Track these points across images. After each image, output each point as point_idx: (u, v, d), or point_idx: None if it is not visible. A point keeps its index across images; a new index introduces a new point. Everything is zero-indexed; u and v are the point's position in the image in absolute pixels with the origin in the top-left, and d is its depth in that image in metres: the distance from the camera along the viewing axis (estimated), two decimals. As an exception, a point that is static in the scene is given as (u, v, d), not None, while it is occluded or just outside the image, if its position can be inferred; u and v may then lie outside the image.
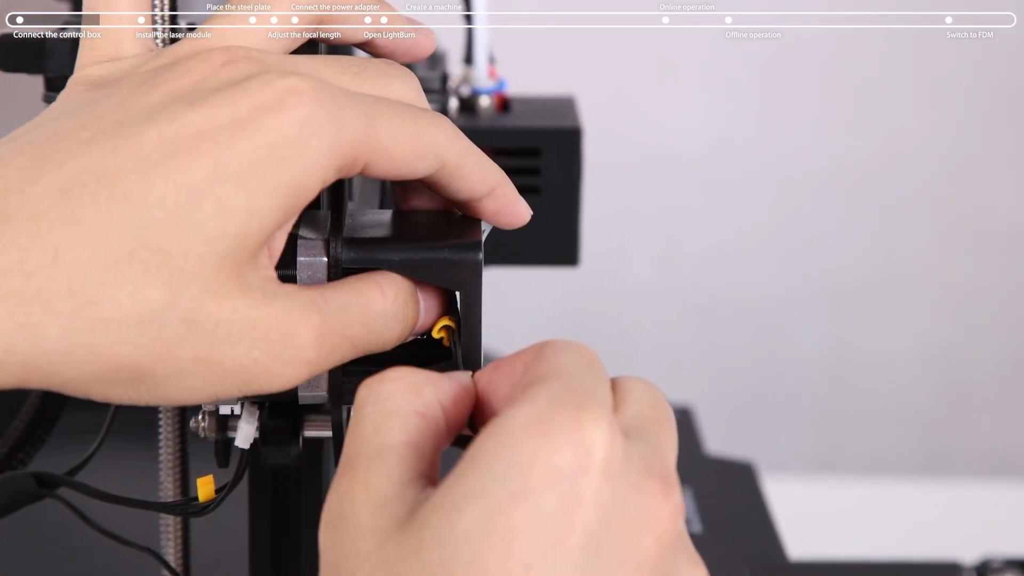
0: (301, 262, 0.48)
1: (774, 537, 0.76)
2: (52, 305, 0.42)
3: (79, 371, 0.43)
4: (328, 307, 0.46)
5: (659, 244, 1.34)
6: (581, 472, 0.39)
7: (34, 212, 0.42)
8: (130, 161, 0.43)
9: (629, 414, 0.43)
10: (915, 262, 1.35)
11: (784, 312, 1.36)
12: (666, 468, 0.41)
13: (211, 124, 0.44)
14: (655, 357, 1.36)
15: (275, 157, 0.44)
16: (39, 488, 0.52)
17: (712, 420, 1.22)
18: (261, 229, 0.44)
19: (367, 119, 0.45)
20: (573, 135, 0.68)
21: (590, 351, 0.43)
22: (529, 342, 0.45)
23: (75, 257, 0.42)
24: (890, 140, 1.33)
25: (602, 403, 0.41)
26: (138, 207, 0.43)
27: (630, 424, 0.42)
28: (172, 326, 0.43)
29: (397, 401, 0.43)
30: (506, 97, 0.71)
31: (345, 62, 0.48)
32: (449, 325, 0.49)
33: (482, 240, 0.49)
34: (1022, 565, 0.78)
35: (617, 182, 1.32)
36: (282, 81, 0.44)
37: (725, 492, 0.80)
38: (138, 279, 0.42)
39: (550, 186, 0.68)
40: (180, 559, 0.57)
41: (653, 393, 0.44)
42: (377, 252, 0.49)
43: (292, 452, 0.52)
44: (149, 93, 0.45)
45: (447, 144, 0.47)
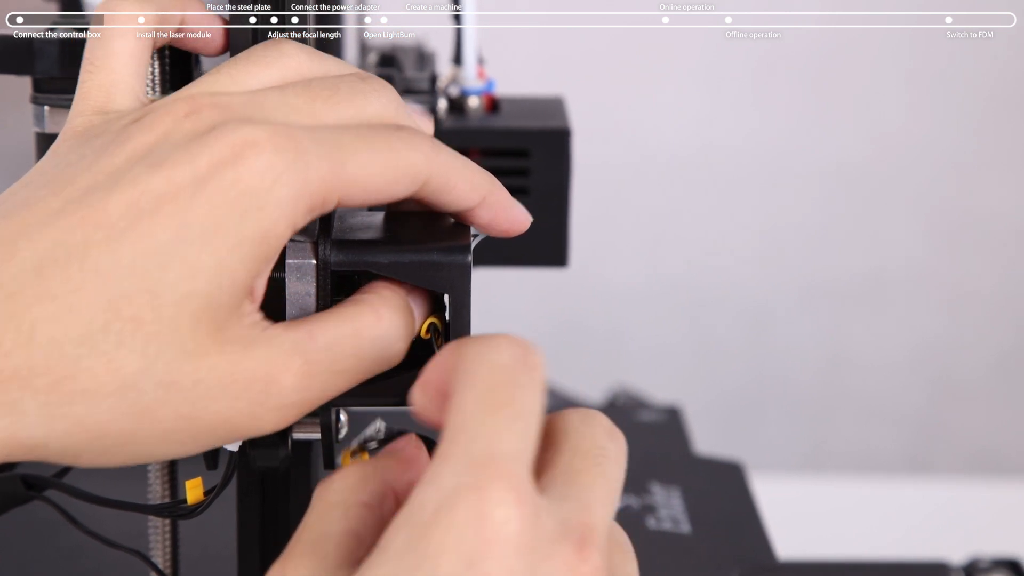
0: (290, 264, 0.48)
1: (763, 537, 0.76)
2: (29, 382, 0.43)
3: (62, 443, 0.44)
4: (314, 346, 0.46)
5: (649, 244, 1.34)
6: (488, 556, 0.39)
7: (9, 291, 0.43)
8: (97, 231, 0.44)
9: (556, 468, 0.43)
10: (906, 262, 1.35)
11: (774, 312, 1.36)
12: (586, 527, 0.41)
13: (172, 185, 0.44)
14: (644, 357, 1.36)
15: (237, 212, 0.44)
16: (27, 490, 0.52)
17: (701, 420, 1.22)
18: (232, 285, 0.44)
19: (333, 155, 0.45)
20: (562, 136, 0.68)
21: (506, 364, 0.42)
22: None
23: (50, 334, 0.43)
24: (881, 140, 1.33)
25: (509, 469, 0.40)
26: (108, 279, 0.43)
27: (554, 480, 0.42)
28: (150, 390, 0.43)
29: (344, 494, 0.44)
30: (495, 98, 0.71)
31: (316, 87, 0.48)
32: (435, 324, 0.49)
33: (471, 243, 0.49)
34: (1010, 565, 0.79)
35: (607, 182, 1.32)
36: (239, 132, 0.44)
37: (714, 492, 0.80)
38: (113, 349, 0.43)
39: (539, 187, 0.68)
40: (168, 561, 0.57)
41: (592, 434, 0.44)
42: (366, 254, 0.49)
43: (280, 454, 0.52)
44: (115, 154, 0.45)
45: (424, 163, 0.47)
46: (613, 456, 0.44)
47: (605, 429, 0.45)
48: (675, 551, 0.74)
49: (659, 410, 0.90)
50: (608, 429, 0.45)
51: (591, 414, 0.45)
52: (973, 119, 1.32)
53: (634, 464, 0.82)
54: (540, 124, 0.68)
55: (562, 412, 0.45)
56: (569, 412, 0.45)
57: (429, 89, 0.68)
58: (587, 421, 0.45)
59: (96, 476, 0.56)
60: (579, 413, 0.45)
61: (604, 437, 0.44)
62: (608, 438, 0.44)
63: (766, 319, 1.36)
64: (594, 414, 0.45)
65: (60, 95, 0.54)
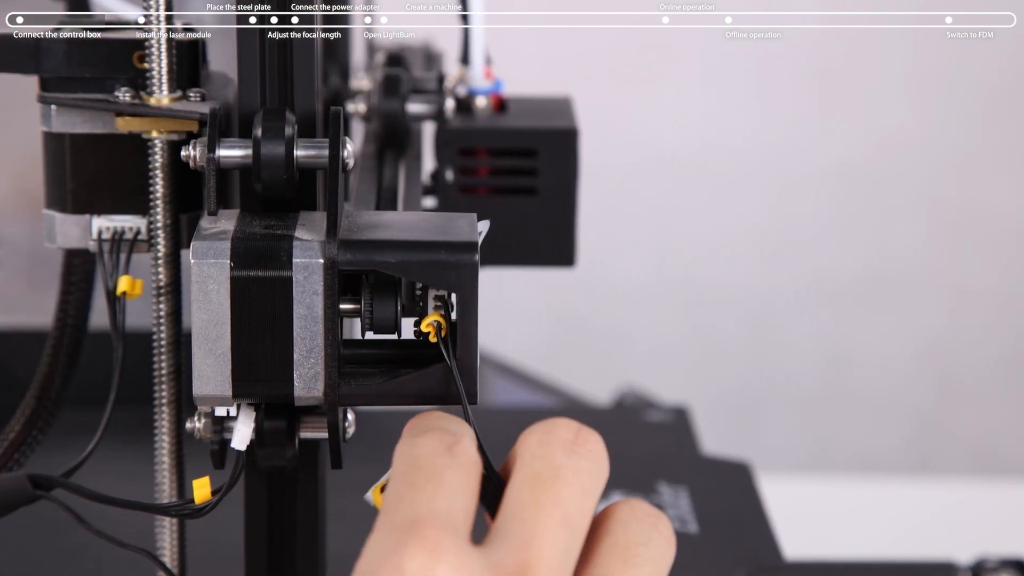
0: (297, 264, 0.48)
1: (770, 537, 0.76)
2: None
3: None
4: None
5: (654, 243, 1.34)
6: None
7: None
8: None
9: (502, 516, 0.43)
10: (909, 261, 1.35)
11: (778, 311, 1.36)
12: (521, 564, 0.42)
13: None
14: (650, 357, 1.36)
15: None
16: (34, 490, 0.52)
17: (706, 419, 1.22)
18: None
19: None
20: (569, 136, 0.68)
21: (429, 452, 0.43)
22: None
23: None
24: (884, 139, 1.33)
25: (427, 530, 0.41)
26: None
27: (500, 523, 0.43)
28: None
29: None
30: (502, 97, 0.70)
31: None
32: (439, 321, 0.49)
33: (478, 242, 0.49)
34: (1017, 565, 0.78)
35: (610, 182, 1.32)
36: None
37: (721, 492, 0.80)
38: None
39: (546, 187, 0.68)
40: (176, 561, 0.57)
41: (538, 467, 0.44)
42: (374, 254, 0.49)
43: (288, 454, 0.52)
44: None
45: None
46: (569, 474, 0.44)
47: (558, 449, 0.44)
48: (682, 551, 0.74)
49: (667, 410, 0.90)
50: (562, 447, 0.44)
51: (548, 438, 0.45)
52: (974, 119, 1.32)
53: (642, 464, 0.82)
54: (548, 124, 0.68)
55: (515, 448, 0.45)
56: (522, 447, 0.45)
57: (436, 89, 0.68)
58: (544, 447, 0.45)
59: (104, 476, 0.56)
60: (532, 443, 0.45)
61: (564, 453, 0.44)
62: (567, 456, 0.44)
63: (770, 318, 1.36)
64: (550, 440, 0.45)
65: (67, 94, 0.54)
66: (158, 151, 0.54)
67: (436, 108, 0.67)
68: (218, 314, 0.49)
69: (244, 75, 0.52)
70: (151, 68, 0.53)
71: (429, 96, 0.67)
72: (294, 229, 0.50)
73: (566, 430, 0.45)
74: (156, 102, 0.53)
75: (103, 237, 0.55)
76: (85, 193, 0.55)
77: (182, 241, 0.55)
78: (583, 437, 0.45)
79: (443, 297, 0.49)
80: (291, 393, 0.49)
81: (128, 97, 0.54)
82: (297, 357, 0.49)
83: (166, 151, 0.54)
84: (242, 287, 0.49)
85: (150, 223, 0.54)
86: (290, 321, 0.49)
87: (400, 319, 0.50)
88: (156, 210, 0.54)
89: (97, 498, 0.52)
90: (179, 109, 0.53)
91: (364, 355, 0.51)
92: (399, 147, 0.67)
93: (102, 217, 0.55)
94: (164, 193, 0.54)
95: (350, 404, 0.50)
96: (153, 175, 0.54)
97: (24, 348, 0.77)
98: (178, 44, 0.54)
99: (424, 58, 0.80)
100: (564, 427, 0.45)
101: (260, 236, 0.49)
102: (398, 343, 0.51)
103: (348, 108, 0.70)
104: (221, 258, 0.49)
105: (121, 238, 0.55)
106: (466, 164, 0.67)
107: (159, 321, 0.55)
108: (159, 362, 0.55)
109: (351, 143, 0.51)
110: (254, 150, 0.50)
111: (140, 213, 0.55)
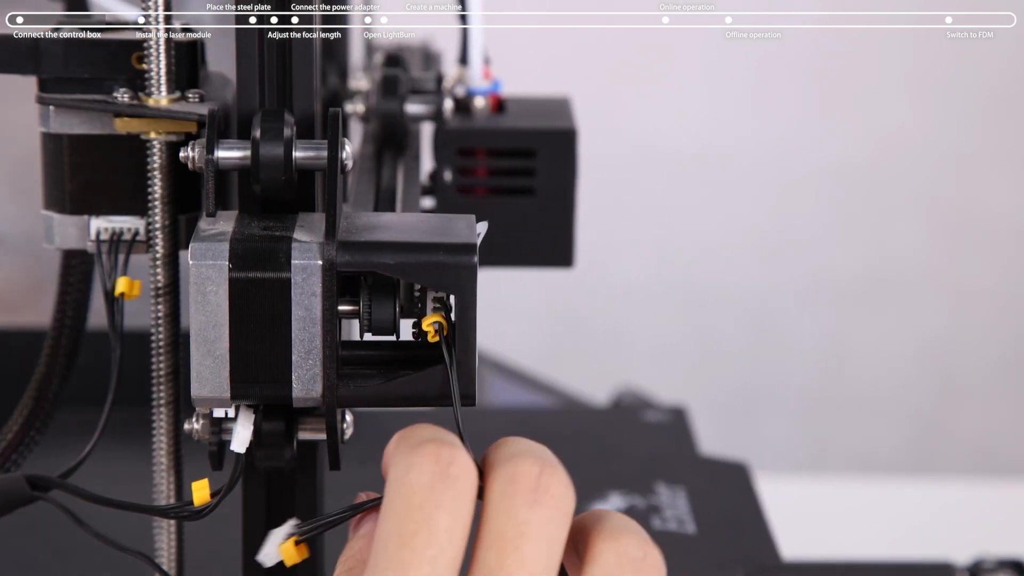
0: (295, 265, 0.48)
1: (768, 537, 0.76)
2: None
3: None
4: None
5: (653, 243, 1.34)
6: None
7: None
8: None
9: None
10: (908, 261, 1.35)
11: (777, 311, 1.36)
12: None
13: None
14: (649, 357, 1.36)
15: None
16: (32, 491, 0.52)
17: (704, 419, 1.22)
18: None
19: None
20: (568, 136, 0.68)
21: (423, 485, 0.43)
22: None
23: None
24: (884, 139, 1.33)
25: None
26: None
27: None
28: None
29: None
30: (501, 98, 0.70)
31: None
32: (439, 322, 0.49)
33: (477, 243, 0.49)
34: (1015, 565, 0.78)
35: (610, 181, 1.32)
36: None
37: (719, 492, 0.80)
38: None
39: (545, 187, 0.68)
40: (173, 563, 0.57)
41: (501, 525, 0.44)
42: (372, 255, 0.49)
43: (286, 455, 0.52)
44: None
45: None
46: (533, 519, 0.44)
47: (519, 499, 0.44)
48: (680, 551, 0.74)
49: (664, 410, 0.90)
50: (528, 493, 0.44)
51: (509, 493, 0.44)
52: (974, 119, 1.32)
53: (639, 464, 0.82)
54: (546, 124, 0.68)
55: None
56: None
57: (435, 89, 0.68)
58: (506, 501, 0.44)
59: (101, 477, 0.56)
60: (495, 499, 0.44)
61: (529, 496, 0.44)
62: (534, 499, 0.44)
63: (769, 318, 1.36)
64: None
65: (66, 95, 0.54)
66: (156, 152, 0.54)
67: (435, 108, 0.67)
68: (216, 315, 0.49)
69: (243, 76, 0.52)
70: (150, 69, 0.53)
71: (428, 96, 0.67)
72: (293, 230, 0.50)
73: (527, 476, 0.44)
74: (155, 103, 0.53)
75: (101, 238, 0.55)
76: (83, 194, 0.55)
77: (180, 242, 0.55)
78: (545, 483, 0.44)
79: (442, 299, 0.49)
80: (289, 394, 0.49)
81: (127, 98, 0.54)
82: (295, 358, 0.49)
83: (164, 152, 0.54)
84: (240, 288, 0.49)
85: (148, 224, 0.54)
86: (288, 323, 0.49)
87: (399, 320, 0.50)
88: (154, 211, 0.54)
89: (95, 499, 0.52)
90: (178, 110, 0.53)
91: (362, 356, 0.51)
92: (398, 148, 0.67)
93: (100, 218, 0.55)
94: (162, 194, 0.54)
95: (348, 405, 0.50)
96: (151, 176, 0.54)
97: (22, 348, 0.77)
98: (177, 45, 0.54)
99: (423, 58, 0.80)
100: (526, 473, 0.44)
101: (259, 237, 0.49)
102: (397, 344, 0.51)
103: (347, 109, 0.70)
104: (219, 259, 0.49)
105: (119, 239, 0.55)
106: (465, 165, 0.67)
107: (157, 322, 0.55)
108: (157, 363, 0.55)
109: (350, 144, 0.51)
110: (253, 151, 0.50)
111: (138, 214, 0.55)
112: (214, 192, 0.50)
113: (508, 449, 0.45)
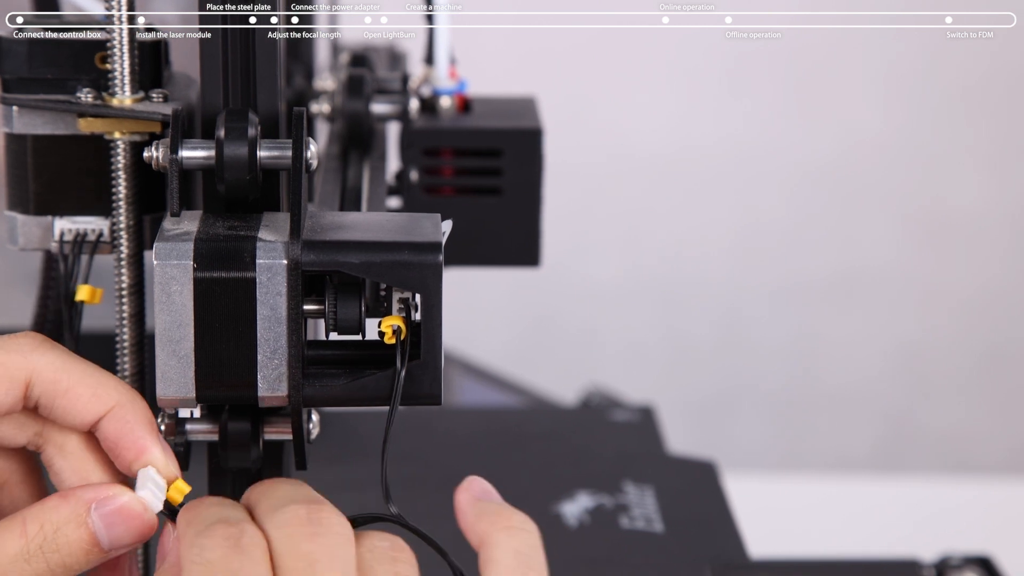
0: (260, 265, 0.48)
1: (735, 536, 0.76)
2: None
3: None
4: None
5: (625, 243, 1.35)
6: None
7: None
8: None
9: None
10: (881, 262, 1.36)
11: (749, 311, 1.36)
12: None
13: None
14: (622, 358, 1.36)
15: None
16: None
17: (680, 420, 1.22)
18: None
19: None
20: (534, 136, 0.68)
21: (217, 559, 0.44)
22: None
23: None
24: (856, 140, 1.33)
25: None
26: None
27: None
28: None
29: None
30: (467, 98, 0.70)
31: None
32: (397, 325, 0.49)
33: (442, 242, 0.49)
34: (981, 562, 0.79)
35: (582, 181, 1.32)
36: None
37: (686, 491, 0.81)
38: None
39: (511, 187, 0.68)
40: (139, 561, 0.57)
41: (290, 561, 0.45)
42: (337, 254, 0.49)
43: (253, 455, 0.52)
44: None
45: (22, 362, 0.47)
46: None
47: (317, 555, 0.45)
48: (648, 550, 0.74)
49: (632, 410, 0.90)
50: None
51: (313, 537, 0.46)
52: (945, 120, 1.33)
53: (608, 464, 0.83)
54: (512, 124, 0.68)
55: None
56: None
57: (401, 89, 0.68)
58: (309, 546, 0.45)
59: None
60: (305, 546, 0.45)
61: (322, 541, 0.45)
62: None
63: (741, 318, 1.36)
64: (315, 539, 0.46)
65: (29, 95, 0.54)
66: (120, 152, 0.54)
67: (400, 108, 0.67)
68: (181, 315, 0.49)
69: (207, 76, 0.52)
70: (113, 69, 0.53)
71: (393, 96, 0.67)
72: (257, 230, 0.50)
73: (297, 515, 0.46)
74: (118, 103, 0.53)
75: (65, 239, 0.55)
76: (47, 194, 0.55)
77: (145, 242, 0.55)
78: (315, 516, 0.46)
79: (406, 299, 0.49)
80: (255, 394, 0.49)
81: (90, 98, 0.54)
82: (261, 358, 0.49)
83: (128, 152, 0.54)
84: (205, 288, 0.49)
85: (113, 224, 0.54)
86: (254, 322, 0.49)
87: (364, 320, 0.50)
88: (119, 211, 0.54)
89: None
90: (141, 110, 0.53)
91: (328, 356, 0.51)
92: (363, 147, 0.67)
93: (64, 219, 0.55)
94: (127, 194, 0.54)
95: (314, 405, 0.50)
96: (116, 176, 0.54)
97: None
98: (140, 45, 0.54)
99: (389, 58, 0.80)
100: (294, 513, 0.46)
101: (223, 237, 0.49)
102: (362, 344, 0.51)
103: (312, 108, 0.70)
104: (184, 259, 0.49)
105: (84, 239, 0.55)
106: (431, 164, 0.67)
107: (122, 322, 0.55)
108: (122, 364, 0.55)
109: (314, 144, 0.51)
110: (217, 151, 0.50)
111: (103, 214, 0.55)
112: (178, 192, 0.50)
113: (270, 501, 0.46)
